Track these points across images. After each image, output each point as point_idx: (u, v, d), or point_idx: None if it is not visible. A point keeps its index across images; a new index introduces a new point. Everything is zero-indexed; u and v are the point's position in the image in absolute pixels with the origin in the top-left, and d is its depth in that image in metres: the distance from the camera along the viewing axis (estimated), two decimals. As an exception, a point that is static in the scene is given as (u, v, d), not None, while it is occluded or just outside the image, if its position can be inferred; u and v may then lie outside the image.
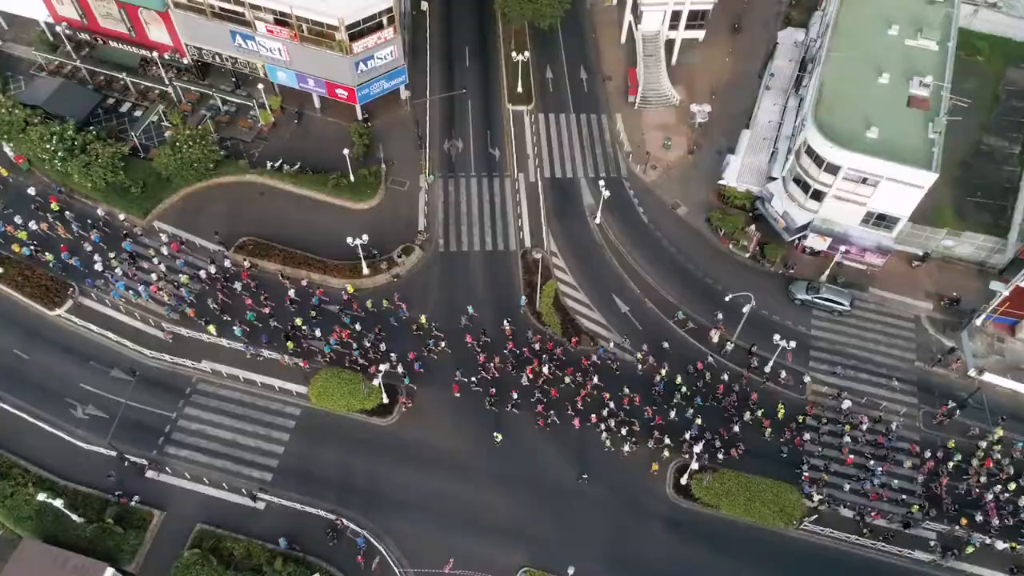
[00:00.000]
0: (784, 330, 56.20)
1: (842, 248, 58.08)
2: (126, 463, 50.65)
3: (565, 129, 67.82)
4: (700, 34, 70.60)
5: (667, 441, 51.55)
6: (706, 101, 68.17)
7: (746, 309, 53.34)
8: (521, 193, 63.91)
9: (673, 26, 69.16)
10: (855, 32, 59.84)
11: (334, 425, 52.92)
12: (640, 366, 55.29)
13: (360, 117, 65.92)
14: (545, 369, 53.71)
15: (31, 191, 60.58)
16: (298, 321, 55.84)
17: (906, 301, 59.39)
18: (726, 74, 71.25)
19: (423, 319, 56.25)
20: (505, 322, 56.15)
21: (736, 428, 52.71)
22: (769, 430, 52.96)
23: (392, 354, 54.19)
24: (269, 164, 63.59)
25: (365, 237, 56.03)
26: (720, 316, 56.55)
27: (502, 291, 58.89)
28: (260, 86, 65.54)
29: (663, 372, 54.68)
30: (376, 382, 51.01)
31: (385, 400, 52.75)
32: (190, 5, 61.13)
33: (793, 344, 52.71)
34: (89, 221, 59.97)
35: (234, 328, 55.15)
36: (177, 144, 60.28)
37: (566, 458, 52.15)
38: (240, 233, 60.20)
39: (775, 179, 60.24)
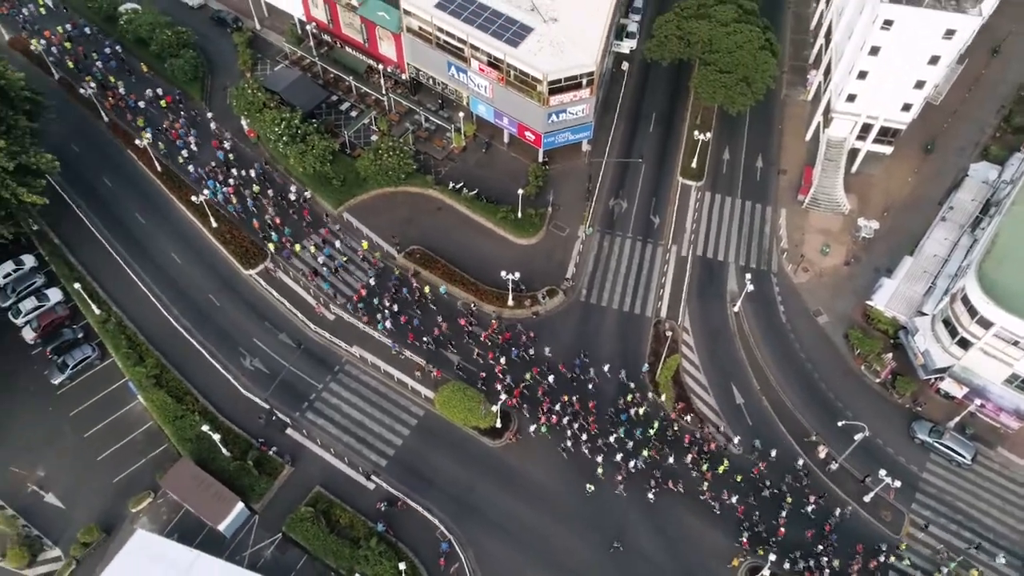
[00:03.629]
0: (895, 466, 56.49)
1: (977, 401, 57.12)
2: (274, 417, 58.85)
3: (728, 212, 70.20)
4: (888, 149, 70.56)
5: (599, 459, 56.23)
6: (876, 217, 68.32)
7: (858, 437, 54.05)
8: (670, 264, 67.06)
9: (861, 137, 69.68)
10: (1049, 188, 58.44)
11: (449, 433, 58.68)
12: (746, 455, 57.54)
13: (540, 159, 71.43)
14: (503, 360, 60.13)
15: (158, 91, 76.08)
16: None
17: (1035, 471, 57.61)
18: (904, 194, 70.84)
19: (427, 290, 63.78)
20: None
21: (671, 460, 56.50)
22: (707, 483, 55.58)
23: (387, 311, 62.89)
24: (451, 184, 70.41)
25: (517, 274, 61.49)
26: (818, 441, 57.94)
27: (628, 353, 62.42)
28: (460, 113, 72.58)
29: (641, 411, 58.17)
30: (495, 408, 56.30)
31: (498, 425, 57.91)
32: (420, 33, 68.91)
33: (898, 483, 52.94)
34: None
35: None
36: (379, 151, 68.30)
37: (647, 525, 55.03)
38: (412, 241, 67.34)
39: (925, 315, 59.89)
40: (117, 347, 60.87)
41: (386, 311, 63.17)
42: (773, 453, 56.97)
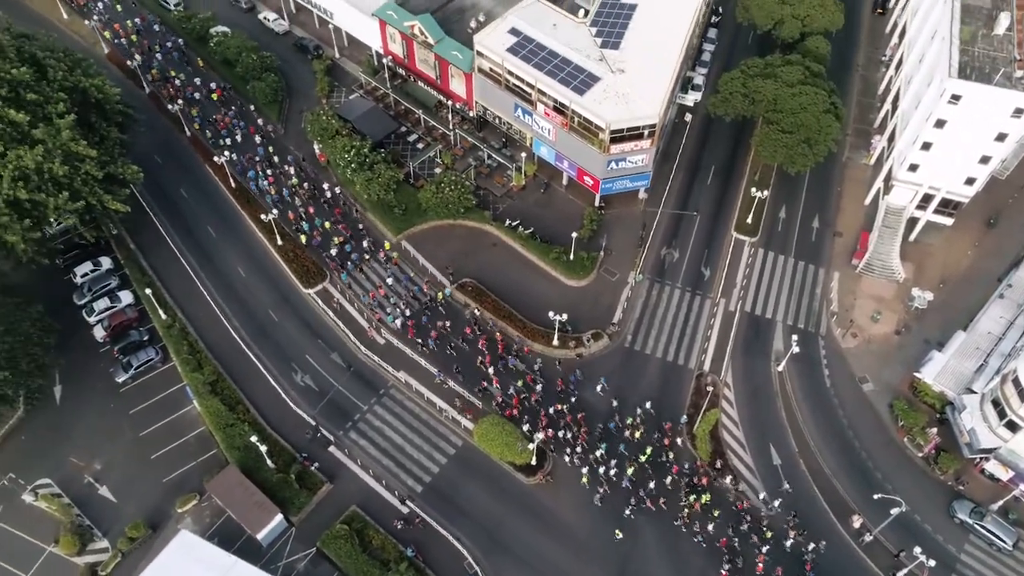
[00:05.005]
0: (931, 544, 55.60)
1: (1023, 486, 55.92)
2: (318, 434, 60.99)
3: (779, 270, 70.36)
4: (949, 220, 69.95)
5: (584, 472, 58.58)
6: (932, 288, 67.70)
7: (894, 511, 53.45)
8: (717, 318, 67.47)
9: (922, 206, 69.31)
10: (1114, 276, 57.34)
11: (485, 466, 59.87)
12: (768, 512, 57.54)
13: (597, 204, 72.86)
14: (491, 371, 62.76)
15: (211, 84, 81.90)
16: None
17: (1080, 564, 55.96)
18: (963, 266, 70.05)
19: (440, 295, 67.11)
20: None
21: (652, 485, 57.85)
22: (687, 511, 57.03)
23: (398, 308, 66.63)
24: (508, 221, 72.28)
25: (565, 315, 62.77)
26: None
27: (666, 403, 62.90)
28: (523, 153, 74.70)
29: (638, 434, 59.69)
30: (531, 446, 57.41)
31: (533, 463, 58.92)
32: (490, 74, 71.40)
33: (933, 563, 52.14)
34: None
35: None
36: (442, 184, 70.72)
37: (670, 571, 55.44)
38: (466, 273, 69.27)
39: (974, 392, 59.04)
40: (178, 352, 63.98)
41: (398, 311, 65.97)
42: (761, 495, 57.89)
